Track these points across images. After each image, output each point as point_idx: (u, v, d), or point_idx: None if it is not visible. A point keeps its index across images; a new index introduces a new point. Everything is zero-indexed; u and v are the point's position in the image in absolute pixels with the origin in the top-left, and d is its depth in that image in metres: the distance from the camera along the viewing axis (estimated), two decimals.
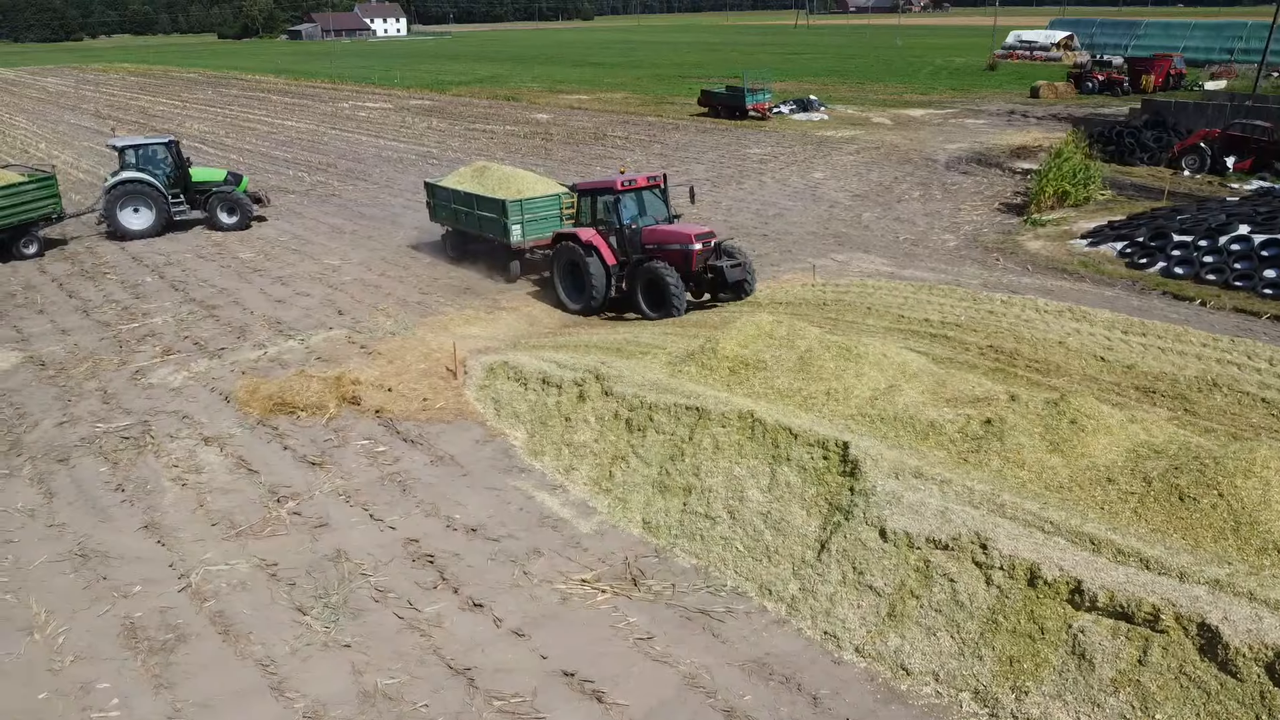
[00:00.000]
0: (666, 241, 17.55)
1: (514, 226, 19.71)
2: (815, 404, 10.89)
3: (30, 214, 23.10)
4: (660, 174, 18.78)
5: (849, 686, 8.14)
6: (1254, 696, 6.83)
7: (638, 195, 18.30)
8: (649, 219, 18.29)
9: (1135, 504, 8.45)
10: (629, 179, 17.95)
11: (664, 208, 18.57)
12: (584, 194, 18.69)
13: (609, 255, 17.86)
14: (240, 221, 25.71)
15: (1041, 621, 7.80)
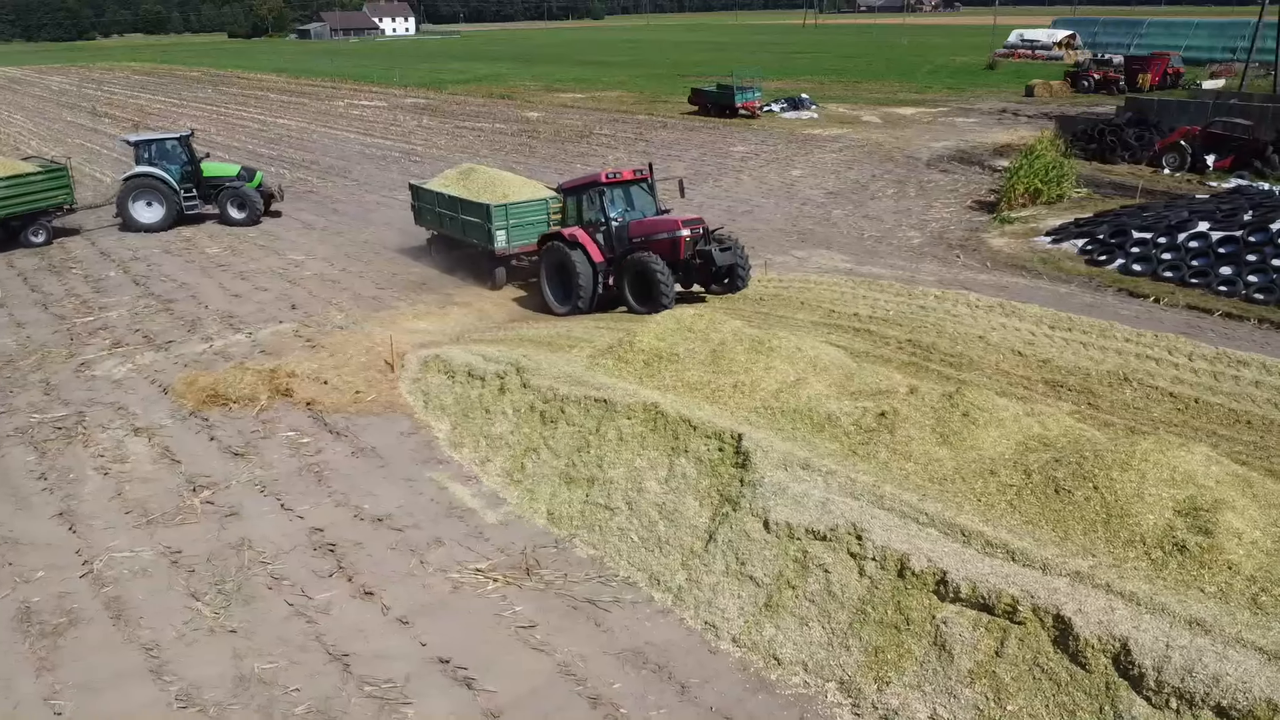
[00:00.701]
0: (653, 231, 17.07)
1: (498, 232, 18.96)
2: (722, 396, 10.92)
3: (39, 203, 23.70)
4: (646, 166, 18.28)
5: (720, 676, 8.16)
6: (1100, 687, 6.82)
7: (624, 189, 17.84)
8: (636, 213, 17.78)
9: (1012, 496, 8.44)
10: (614, 172, 17.62)
11: (651, 201, 18.06)
12: (569, 193, 18.19)
13: (596, 252, 17.29)
14: (249, 217, 25.65)
15: (907, 612, 7.81)
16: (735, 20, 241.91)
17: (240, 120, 50.37)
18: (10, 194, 23.01)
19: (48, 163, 25.60)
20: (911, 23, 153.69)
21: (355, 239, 24.08)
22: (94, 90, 69.83)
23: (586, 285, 17.19)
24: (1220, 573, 7.30)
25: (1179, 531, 7.66)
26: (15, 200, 23.12)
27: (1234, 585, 7.21)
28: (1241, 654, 6.53)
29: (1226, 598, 7.13)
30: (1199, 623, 6.83)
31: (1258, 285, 17.93)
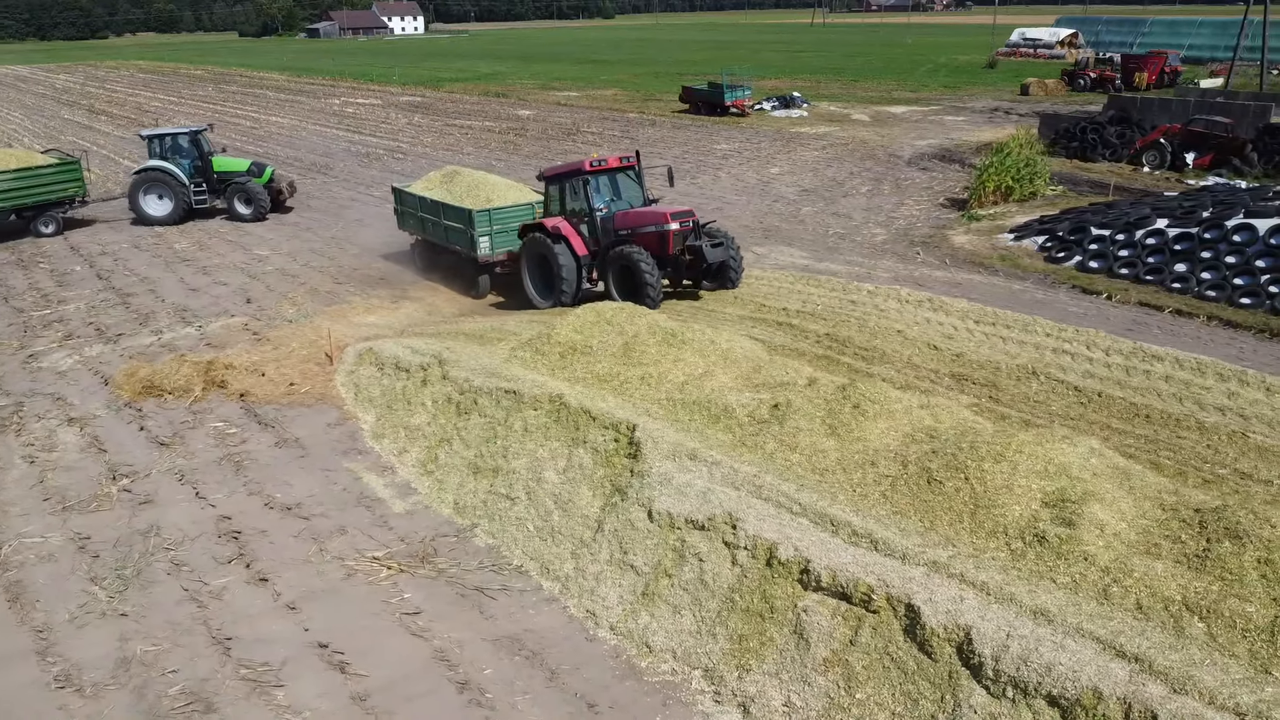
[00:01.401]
0: (640, 224, 16.30)
1: (481, 238, 18.12)
2: (629, 388, 10.99)
3: (50, 195, 24.35)
4: (633, 154, 17.45)
5: (591, 663, 8.22)
6: (944, 676, 6.85)
7: (610, 178, 17.10)
8: (623, 203, 17.06)
9: (886, 487, 8.47)
10: (599, 160, 16.75)
11: (639, 191, 17.29)
12: (552, 181, 17.35)
13: (579, 245, 16.58)
14: (254, 213, 25.65)
15: (772, 601, 7.86)
16: (746, 19, 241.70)
17: (234, 118, 50.69)
18: (20, 185, 23.76)
19: (66, 156, 26.17)
20: (919, 21, 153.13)
21: (323, 234, 24.26)
22: (96, 88, 70.46)
23: (569, 279, 16.55)
24: (1076, 564, 7.31)
25: (1042, 523, 7.68)
26: (26, 191, 23.87)
27: (1087, 576, 7.22)
28: (1078, 644, 6.54)
29: (1077, 589, 7.14)
30: (1043, 613, 6.85)
31: (1210, 282, 17.84)
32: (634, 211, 16.68)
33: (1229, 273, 17.82)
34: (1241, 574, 6.94)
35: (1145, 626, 6.68)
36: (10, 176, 23.67)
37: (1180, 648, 6.45)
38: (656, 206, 16.88)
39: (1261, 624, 6.54)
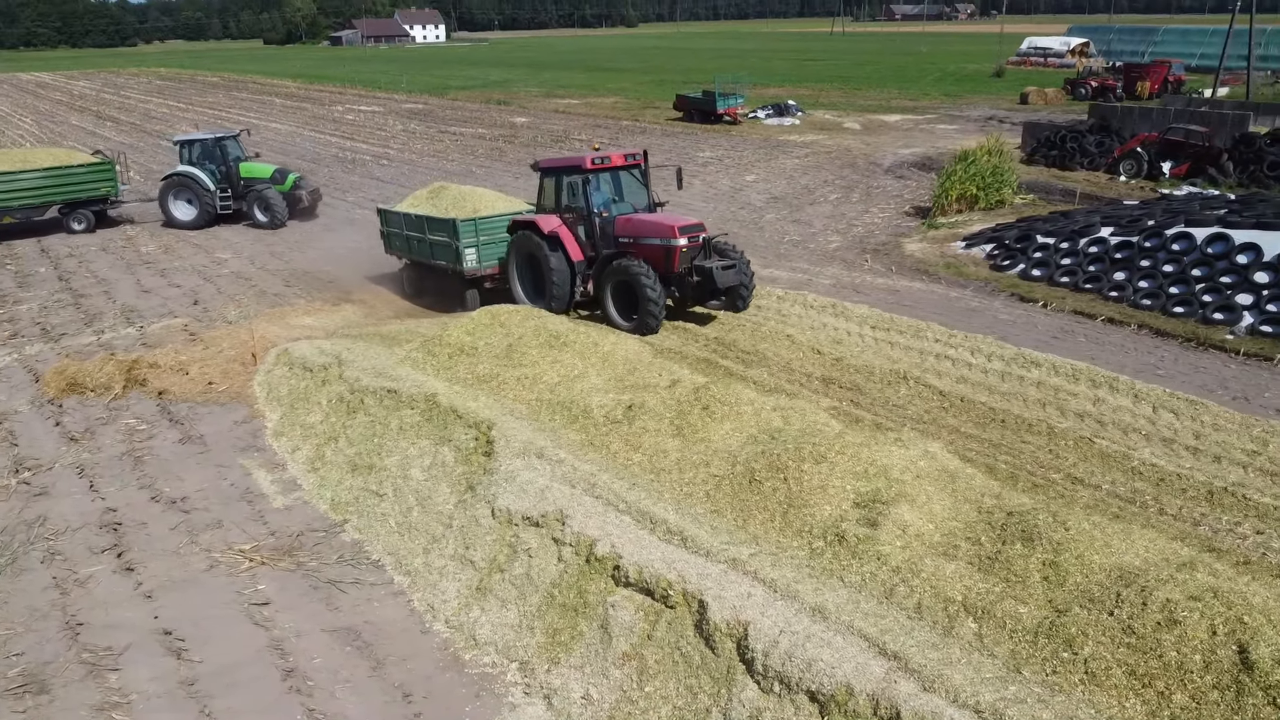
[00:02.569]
0: (644, 234, 14.82)
1: (467, 250, 17.11)
2: (505, 388, 11.21)
3: (81, 194, 25.26)
4: (640, 151, 16.00)
5: (420, 655, 8.42)
6: (723, 670, 6.98)
7: (612, 177, 15.71)
8: (625, 205, 15.73)
9: (711, 487, 8.63)
10: (601, 156, 15.29)
11: (644, 193, 15.89)
12: (548, 174, 16.04)
13: (575, 249, 15.33)
14: (271, 221, 25.61)
15: (586, 596, 8.03)
16: (768, 28, 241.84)
17: (235, 123, 51.44)
18: (52, 183, 24.72)
19: (105, 156, 27.11)
20: (938, 30, 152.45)
21: (286, 238, 24.72)
22: (111, 95, 71.93)
23: (561, 286, 15.37)
24: (868, 563, 7.42)
25: (846, 523, 7.79)
26: (57, 189, 24.85)
27: (877, 576, 7.33)
28: (845, 641, 6.65)
29: (863, 587, 7.26)
30: (821, 611, 6.97)
31: (1145, 291, 17.79)
32: (638, 218, 15.23)
33: (1164, 281, 17.77)
34: (1025, 575, 7.02)
35: (916, 626, 6.78)
36: (41, 174, 24.65)
37: (943, 647, 6.55)
38: (663, 214, 15.55)
39: (1029, 625, 6.62)
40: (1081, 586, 6.80)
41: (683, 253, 14.51)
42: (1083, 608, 6.57)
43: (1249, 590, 6.50)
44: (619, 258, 14.68)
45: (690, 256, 14.65)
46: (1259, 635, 5.96)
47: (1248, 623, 6.06)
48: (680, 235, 14.47)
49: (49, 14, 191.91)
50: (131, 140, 43.89)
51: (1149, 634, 6.19)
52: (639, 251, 14.75)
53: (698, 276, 14.64)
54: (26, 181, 24.50)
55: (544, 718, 7.47)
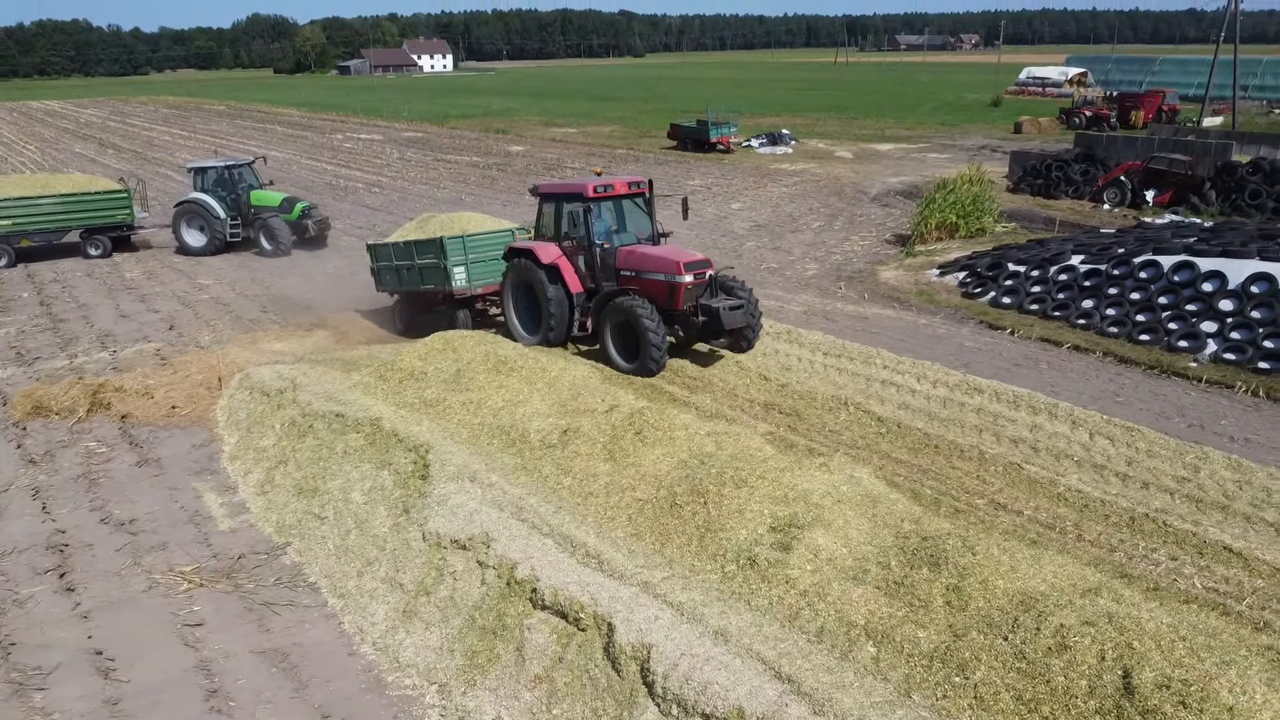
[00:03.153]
0: (647, 268, 14.12)
1: (455, 269, 16.67)
2: (450, 413, 11.32)
3: (97, 220, 25.68)
4: (644, 180, 15.28)
5: (344, 677, 8.47)
6: (627, 692, 7.02)
7: (615, 205, 15.06)
8: (628, 235, 15.15)
9: (635, 510, 8.70)
10: (604, 184, 14.55)
11: (648, 223, 15.31)
12: (547, 199, 15.52)
13: (574, 281, 14.71)
14: (276, 250, 25.42)
15: (505, 618, 8.09)
16: (773, 58, 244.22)
17: (233, 152, 52.19)
18: (69, 209, 25.27)
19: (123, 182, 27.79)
20: (942, 60, 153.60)
21: (269, 265, 24.98)
22: (117, 123, 72.95)
23: (559, 319, 14.72)
24: (777, 587, 7.47)
25: (760, 547, 7.85)
26: (74, 215, 25.38)
27: (784, 599, 7.38)
28: (743, 664, 6.69)
29: (768, 611, 7.30)
30: (723, 634, 7.02)
31: (1112, 319, 17.86)
32: (641, 251, 14.49)
33: (1131, 309, 17.85)
34: (929, 600, 7.06)
35: (815, 649, 6.83)
36: (59, 200, 25.20)
37: (838, 670, 6.58)
38: (668, 248, 14.81)
39: (926, 649, 6.66)
40: (983, 611, 6.84)
41: (688, 290, 13.72)
42: (980, 633, 6.61)
43: (1147, 616, 6.53)
44: (620, 294, 13.95)
45: (695, 294, 13.86)
46: (1145, 660, 5.98)
47: (1136, 648, 6.09)
48: (686, 272, 13.69)
49: (63, 43, 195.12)
50: (131, 167, 44.42)
51: (1039, 659, 6.22)
52: (641, 286, 14.04)
53: (703, 316, 13.72)
54: (45, 206, 25.10)
55: None
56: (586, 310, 14.74)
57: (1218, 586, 7.98)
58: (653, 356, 13.53)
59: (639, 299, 13.68)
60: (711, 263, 14.34)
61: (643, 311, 13.47)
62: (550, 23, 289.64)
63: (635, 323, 13.56)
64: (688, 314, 13.93)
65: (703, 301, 13.80)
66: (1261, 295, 16.68)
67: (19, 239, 25.01)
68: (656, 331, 13.45)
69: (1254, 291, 16.81)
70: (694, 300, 13.87)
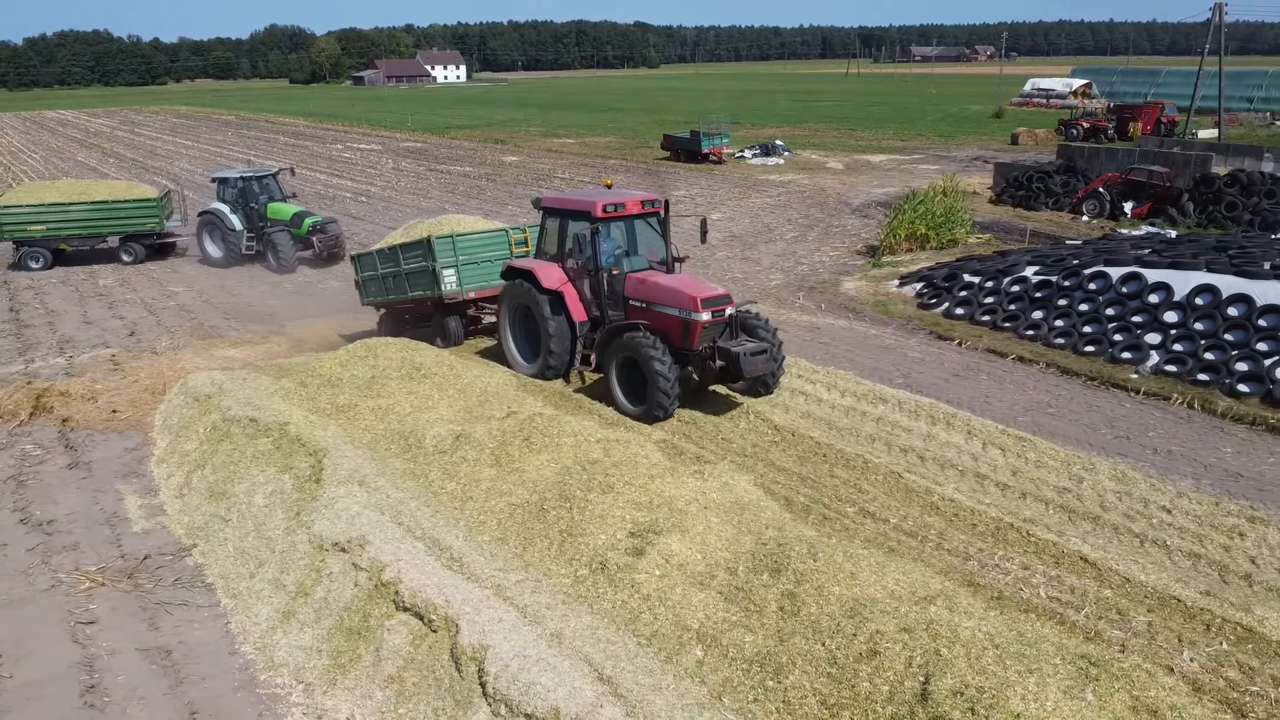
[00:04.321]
0: (660, 300, 12.66)
1: (445, 271, 15.51)
2: (359, 418, 11.52)
3: (126, 228, 26.28)
4: (659, 198, 13.85)
5: (219, 675, 8.64)
6: (466, 692, 7.15)
7: (626, 226, 13.74)
8: (639, 259, 13.76)
9: (506, 515, 8.85)
10: (615, 202, 13.06)
11: (662, 246, 13.86)
12: (551, 214, 14.10)
13: (578, 309, 13.45)
14: (277, 265, 24.77)
15: (369, 619, 8.24)
16: (786, 69, 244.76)
17: (234, 161, 52.90)
18: (100, 216, 25.94)
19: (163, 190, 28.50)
20: (950, 71, 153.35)
21: (242, 274, 25.33)
22: (126, 133, 74.05)
23: (559, 350, 13.53)
24: (622, 591, 7.60)
25: (614, 551, 7.97)
26: (105, 222, 26.05)
27: (627, 603, 7.50)
28: (570, 666, 6.82)
29: (609, 614, 7.42)
30: (559, 636, 7.15)
31: (1059, 330, 17.85)
32: (653, 280, 12.96)
33: (1078, 320, 17.83)
34: (764, 605, 7.16)
35: (643, 652, 6.94)
36: (90, 207, 25.88)
37: (660, 673, 6.70)
38: (684, 278, 13.31)
39: (750, 653, 6.76)
40: (813, 617, 6.93)
41: (704, 329, 12.18)
42: (803, 638, 6.70)
43: (970, 624, 6.60)
44: (629, 329, 12.52)
45: (713, 334, 12.33)
46: (949, 668, 6.06)
47: (944, 655, 6.16)
48: (703, 309, 12.08)
49: (83, 54, 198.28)
50: (130, 176, 45.07)
51: (850, 664, 6.31)
52: (652, 320, 12.60)
53: (721, 361, 12.19)
54: (77, 213, 25.78)
55: None
56: (591, 341, 13.41)
57: (1060, 596, 8.02)
58: (661, 403, 11.99)
59: (649, 335, 12.19)
60: (732, 298, 12.71)
61: (654, 352, 11.91)
62: (565, 34, 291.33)
63: (644, 363, 12.01)
64: (703, 356, 12.35)
65: (720, 344, 12.25)
66: (1205, 307, 16.65)
67: (57, 243, 25.83)
68: (668, 376, 11.92)
69: (1198, 303, 16.78)
70: (710, 340, 12.31)
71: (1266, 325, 15.82)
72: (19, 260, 25.80)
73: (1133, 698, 5.88)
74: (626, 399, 12.60)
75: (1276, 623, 7.47)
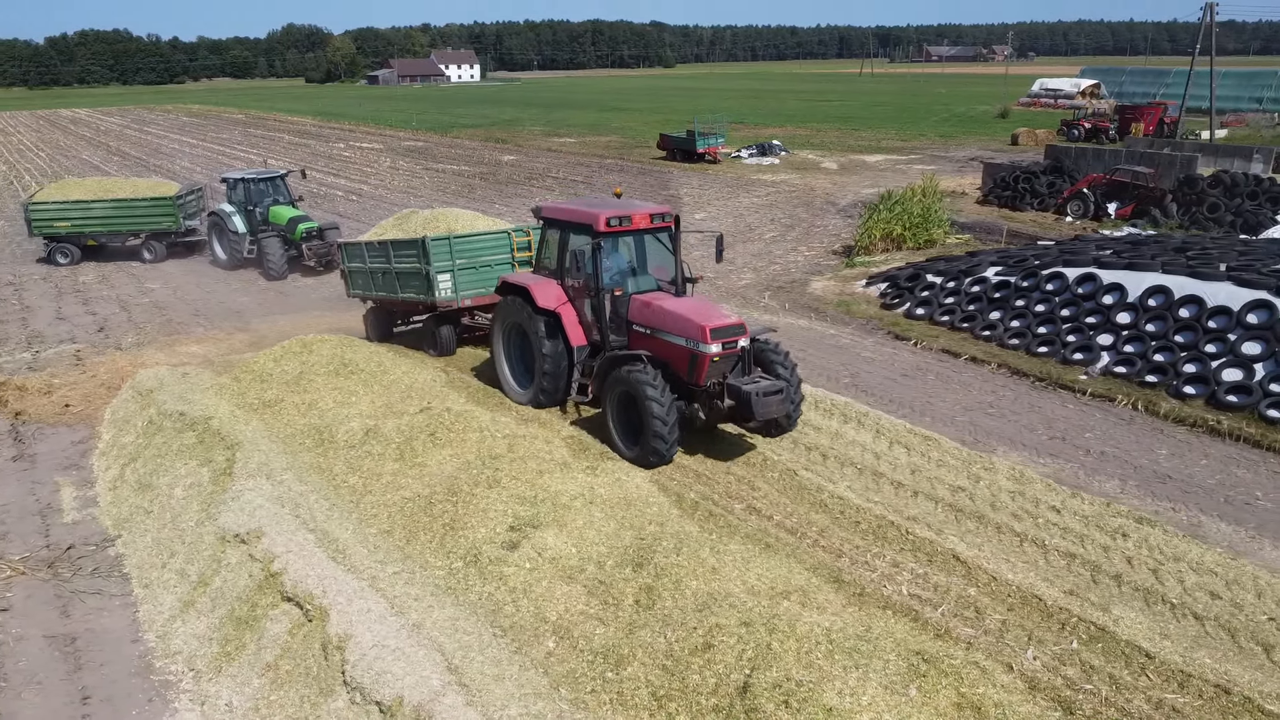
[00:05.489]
0: (665, 327, 11.30)
1: (440, 276, 14.41)
2: (284, 413, 11.72)
3: (144, 226, 26.64)
4: (669, 211, 12.40)
5: (118, 662, 8.85)
6: (329, 678, 7.31)
7: (635, 241, 12.41)
8: (646, 278, 12.44)
9: (396, 509, 9.00)
10: (620, 215, 11.77)
11: (671, 262, 12.45)
12: (551, 225, 12.85)
13: (576, 332, 12.25)
14: (267, 272, 24.01)
15: (256, 609, 8.42)
16: (800, 68, 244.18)
17: (233, 160, 53.44)
18: (119, 214, 26.37)
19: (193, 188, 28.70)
20: (962, 71, 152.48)
21: (219, 272, 25.62)
22: (135, 131, 74.89)
23: (554, 377, 12.27)
24: (490, 583, 7.74)
25: (489, 545, 8.12)
26: (124, 220, 26.44)
27: (494, 596, 7.66)
28: (425, 655, 7.00)
29: (473, 606, 7.56)
30: (419, 626, 7.30)
31: (1014, 330, 17.84)
32: (658, 304, 11.55)
33: (1034, 321, 17.81)
34: (621, 599, 7.29)
35: (496, 642, 7.09)
36: (110, 205, 26.37)
37: (508, 664, 6.84)
38: (694, 303, 11.82)
39: (598, 645, 6.90)
40: (666, 611, 7.04)
41: (713, 363, 10.82)
42: (651, 631, 6.82)
43: (813, 620, 6.70)
44: (628, 360, 11.20)
45: (723, 368, 10.98)
46: (776, 661, 6.16)
47: (775, 649, 6.26)
48: (712, 340, 10.73)
49: (103, 53, 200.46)
50: (132, 175, 45.64)
51: (685, 657, 6.42)
52: (656, 349, 11.31)
53: (730, 400, 10.81)
54: (98, 210, 26.28)
55: None
56: (590, 369, 12.16)
57: (922, 593, 8.08)
58: (656, 448, 10.64)
59: (648, 370, 10.85)
60: (746, 327, 11.23)
61: (651, 390, 10.60)
62: (581, 34, 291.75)
63: (640, 401, 10.71)
64: (710, 393, 10.97)
65: (730, 380, 10.90)
66: (1157, 308, 16.60)
67: (83, 239, 26.37)
68: (665, 419, 10.59)
69: (1150, 304, 16.73)
70: (720, 375, 10.99)
71: (1216, 327, 15.77)
72: (49, 255, 26.55)
73: (959, 695, 5.96)
74: (622, 439, 11.23)
75: (1131, 622, 7.51)
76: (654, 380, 10.71)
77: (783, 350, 11.68)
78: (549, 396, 12.51)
